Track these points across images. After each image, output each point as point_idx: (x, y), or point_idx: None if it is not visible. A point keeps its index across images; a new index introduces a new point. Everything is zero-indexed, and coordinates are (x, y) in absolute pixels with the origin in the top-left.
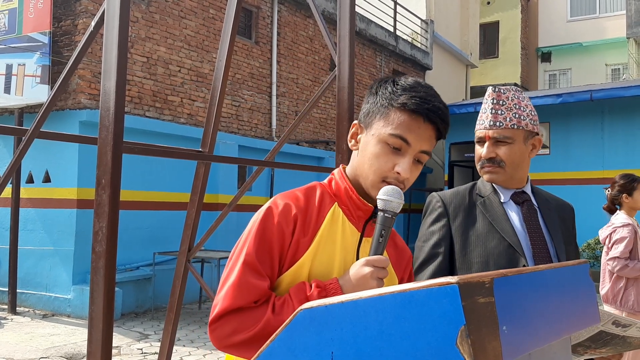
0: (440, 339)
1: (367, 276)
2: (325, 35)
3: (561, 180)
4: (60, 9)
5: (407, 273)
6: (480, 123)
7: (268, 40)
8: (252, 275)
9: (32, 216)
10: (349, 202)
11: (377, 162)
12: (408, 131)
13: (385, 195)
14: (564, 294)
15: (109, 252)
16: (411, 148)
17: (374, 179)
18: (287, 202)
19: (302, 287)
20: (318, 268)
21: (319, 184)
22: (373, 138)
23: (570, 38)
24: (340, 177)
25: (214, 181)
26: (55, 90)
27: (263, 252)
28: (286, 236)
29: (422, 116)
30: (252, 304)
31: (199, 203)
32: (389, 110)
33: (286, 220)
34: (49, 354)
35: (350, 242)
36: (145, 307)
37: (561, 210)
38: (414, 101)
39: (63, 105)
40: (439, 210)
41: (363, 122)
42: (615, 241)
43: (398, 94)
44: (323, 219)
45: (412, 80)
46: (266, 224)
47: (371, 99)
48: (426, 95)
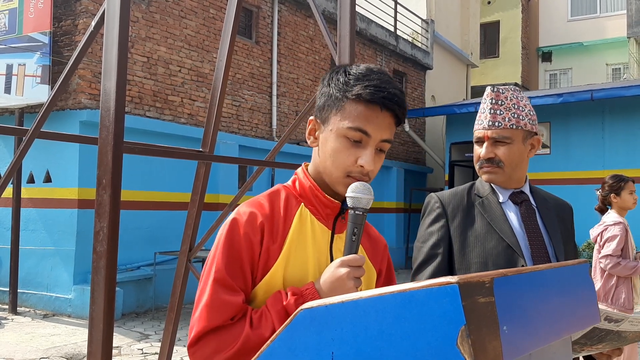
0: (441, 339)
1: (344, 277)
2: (326, 35)
3: (561, 180)
4: (61, 9)
5: (384, 263)
6: (479, 123)
7: (268, 40)
8: (224, 292)
9: (33, 216)
10: (315, 201)
11: (339, 158)
12: (366, 122)
13: (353, 192)
14: (564, 294)
15: (109, 252)
16: (372, 139)
17: (338, 175)
18: (251, 210)
19: (278, 296)
20: (292, 273)
21: (282, 186)
22: (332, 133)
23: (571, 38)
24: (304, 176)
25: (214, 181)
26: (56, 90)
27: (233, 266)
28: (255, 246)
29: (379, 105)
30: (229, 322)
31: (199, 203)
32: (344, 103)
33: (253, 230)
34: (50, 354)
35: (322, 241)
36: (145, 307)
37: (560, 210)
38: (369, 91)
39: (63, 105)
40: (437, 211)
41: (319, 118)
42: (607, 239)
43: (351, 85)
44: (291, 222)
45: (364, 68)
46: (232, 237)
47: (324, 91)
48: (380, 82)
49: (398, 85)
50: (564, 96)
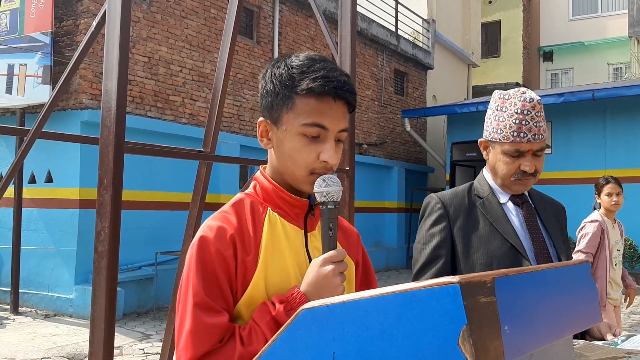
0: (442, 338)
1: (329, 275)
2: (327, 34)
3: (563, 179)
4: (62, 9)
5: (359, 254)
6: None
7: (269, 40)
8: (206, 315)
9: (35, 216)
10: (281, 203)
11: (300, 157)
12: (322, 116)
13: (321, 187)
14: (565, 294)
15: (111, 252)
16: (330, 132)
17: (302, 174)
18: (218, 224)
19: (265, 308)
20: (273, 281)
21: (245, 194)
22: (287, 133)
23: (572, 37)
24: (265, 180)
25: (215, 181)
26: (57, 91)
27: (211, 286)
28: (229, 261)
29: (332, 96)
30: (218, 345)
31: (200, 203)
32: (293, 99)
33: (223, 245)
34: (51, 354)
35: (296, 242)
36: (147, 307)
37: (555, 210)
38: (318, 83)
39: (65, 105)
40: (439, 212)
41: (269, 118)
42: (581, 236)
43: (297, 79)
44: (261, 229)
45: (304, 58)
46: (204, 255)
47: (269, 89)
48: (327, 71)
49: (344, 71)
50: (565, 96)
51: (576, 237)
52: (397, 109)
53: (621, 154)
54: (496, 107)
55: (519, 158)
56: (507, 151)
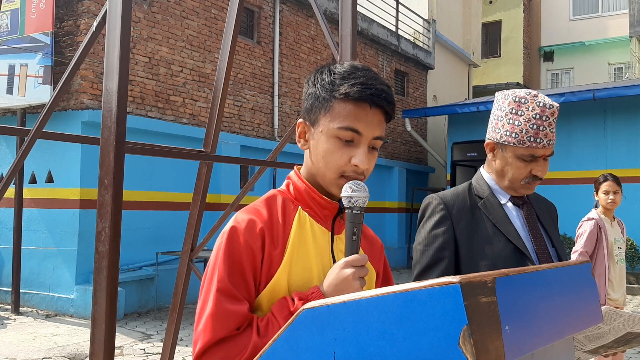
0: (443, 338)
1: (349, 278)
2: (327, 34)
3: (563, 179)
4: (63, 10)
5: (381, 264)
6: (535, 140)
7: (270, 40)
8: (228, 302)
9: (35, 216)
10: (312, 204)
11: (332, 159)
12: (357, 121)
13: (348, 191)
14: (566, 294)
15: (111, 252)
16: (363, 137)
17: (332, 176)
18: (250, 217)
19: (284, 302)
20: (296, 278)
21: (278, 191)
22: (322, 135)
23: (573, 37)
24: (298, 179)
25: (216, 181)
26: (58, 91)
27: (235, 275)
28: (256, 253)
29: (368, 102)
30: (235, 332)
31: (201, 203)
32: (332, 103)
33: (252, 237)
34: (52, 354)
35: (322, 243)
36: (148, 307)
37: (549, 210)
38: (356, 89)
39: (65, 105)
40: (441, 213)
41: (308, 120)
42: (578, 235)
43: (338, 84)
44: (290, 226)
45: (348, 66)
46: (232, 245)
47: (311, 92)
48: (366, 79)
49: (384, 80)
50: (565, 96)
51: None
52: (397, 109)
53: (622, 154)
54: (510, 109)
55: (531, 163)
56: (522, 155)
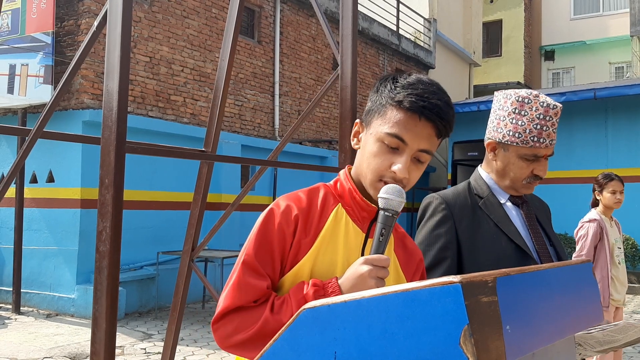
0: (444, 338)
1: (365, 275)
2: (328, 34)
3: (564, 179)
4: (63, 9)
5: (417, 276)
6: (538, 140)
7: (271, 39)
8: (251, 275)
9: (36, 216)
10: (352, 203)
11: (375, 161)
12: (404, 130)
13: (385, 193)
14: (567, 293)
15: (112, 251)
16: (408, 147)
17: (372, 178)
18: (288, 203)
19: (301, 286)
20: (320, 269)
21: (323, 184)
22: (371, 137)
23: (574, 36)
24: (345, 178)
25: (217, 181)
26: (59, 90)
27: (263, 253)
28: (287, 237)
29: (418, 114)
30: (252, 304)
31: (202, 203)
32: (386, 109)
33: (287, 221)
34: (53, 354)
35: (354, 243)
36: (148, 306)
37: (544, 209)
38: (410, 99)
39: (66, 105)
40: (443, 213)
41: (364, 121)
42: (579, 237)
43: (396, 92)
44: (326, 219)
45: (413, 78)
46: (267, 225)
47: (373, 97)
48: (424, 92)
49: (445, 97)
50: (566, 95)
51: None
52: None
53: (623, 153)
54: (513, 109)
55: (533, 162)
56: (524, 155)
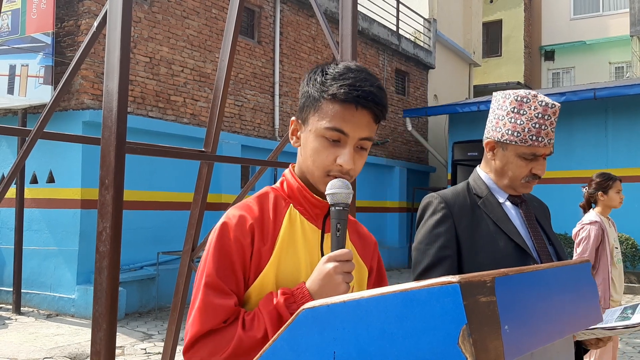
0: (442, 338)
1: (331, 272)
2: (328, 34)
3: (564, 179)
4: (63, 10)
5: (375, 261)
6: (537, 139)
7: (270, 39)
8: (215, 296)
9: (36, 216)
10: (303, 202)
11: (319, 157)
12: (343, 122)
13: (331, 189)
14: (565, 293)
15: (112, 252)
16: (350, 138)
17: (319, 174)
18: (240, 213)
19: (270, 297)
20: (284, 274)
21: (271, 188)
22: (311, 134)
23: (574, 36)
24: (291, 177)
25: (217, 181)
26: (59, 91)
27: (224, 270)
28: (245, 248)
29: (354, 104)
30: (222, 325)
31: (202, 203)
32: (320, 103)
33: (242, 233)
34: (53, 354)
35: (312, 241)
36: (149, 306)
37: (543, 209)
38: (343, 90)
39: (66, 105)
40: (443, 212)
41: (300, 118)
42: (581, 239)
43: (328, 84)
44: (281, 223)
45: (341, 67)
46: (223, 241)
47: (304, 92)
48: (355, 81)
49: (376, 82)
50: (566, 95)
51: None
52: (398, 109)
53: (623, 153)
54: (512, 109)
55: (532, 161)
56: (523, 154)
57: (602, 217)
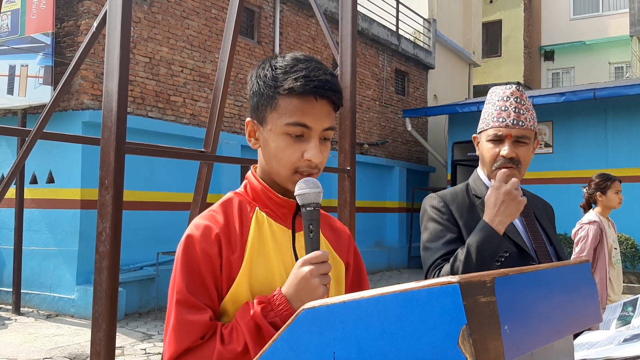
0: (442, 338)
1: (307, 276)
2: (327, 35)
3: (564, 179)
4: (63, 10)
5: (351, 254)
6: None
7: (270, 40)
8: (188, 313)
9: (36, 217)
10: (270, 203)
11: (284, 156)
12: (304, 115)
13: (300, 189)
14: (565, 293)
15: (112, 252)
16: (313, 131)
17: (286, 173)
18: (205, 223)
19: (246, 308)
20: (258, 281)
21: (234, 193)
22: (271, 133)
23: (573, 36)
24: (254, 179)
25: (216, 181)
26: (58, 91)
27: (194, 284)
28: (214, 259)
29: (313, 95)
30: (199, 341)
31: (202, 203)
32: (276, 100)
33: (208, 243)
34: (53, 355)
35: (283, 242)
36: (148, 307)
37: (546, 210)
38: (300, 83)
39: (66, 106)
40: (443, 211)
41: (256, 118)
42: (579, 238)
43: (280, 79)
44: (248, 228)
45: (290, 59)
46: (189, 254)
47: (255, 90)
48: (309, 71)
49: (328, 69)
50: (566, 95)
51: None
52: (398, 109)
53: (623, 154)
54: (486, 101)
55: (500, 144)
56: (489, 137)
57: (602, 218)
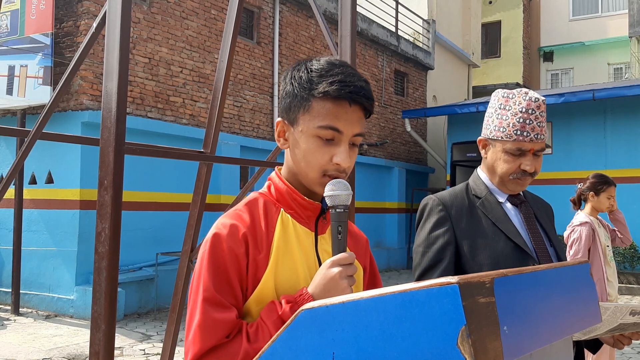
0: (441, 339)
1: (336, 277)
2: (327, 35)
3: (563, 179)
4: (62, 10)
5: (367, 259)
6: (522, 134)
7: (270, 40)
8: (215, 311)
9: (35, 217)
10: (294, 205)
11: (314, 158)
12: (336, 119)
13: (331, 191)
14: (565, 294)
15: (111, 252)
16: (344, 135)
17: (315, 176)
18: (232, 222)
19: (273, 307)
20: (283, 281)
21: (259, 193)
22: (302, 134)
23: (573, 37)
24: (279, 181)
25: (216, 182)
26: (58, 92)
27: (221, 282)
28: (240, 259)
29: (347, 100)
30: (225, 340)
31: (201, 203)
32: (310, 102)
33: (236, 242)
34: (52, 355)
35: (306, 244)
36: (148, 307)
37: (546, 210)
38: (335, 87)
39: (65, 106)
40: (440, 214)
41: (287, 119)
42: (572, 241)
43: (316, 82)
44: (273, 229)
45: (325, 63)
46: (216, 252)
47: (288, 91)
48: (345, 76)
49: (362, 76)
50: (565, 96)
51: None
52: (397, 110)
53: (622, 154)
54: (499, 105)
55: (520, 157)
56: (509, 150)
57: (592, 218)
